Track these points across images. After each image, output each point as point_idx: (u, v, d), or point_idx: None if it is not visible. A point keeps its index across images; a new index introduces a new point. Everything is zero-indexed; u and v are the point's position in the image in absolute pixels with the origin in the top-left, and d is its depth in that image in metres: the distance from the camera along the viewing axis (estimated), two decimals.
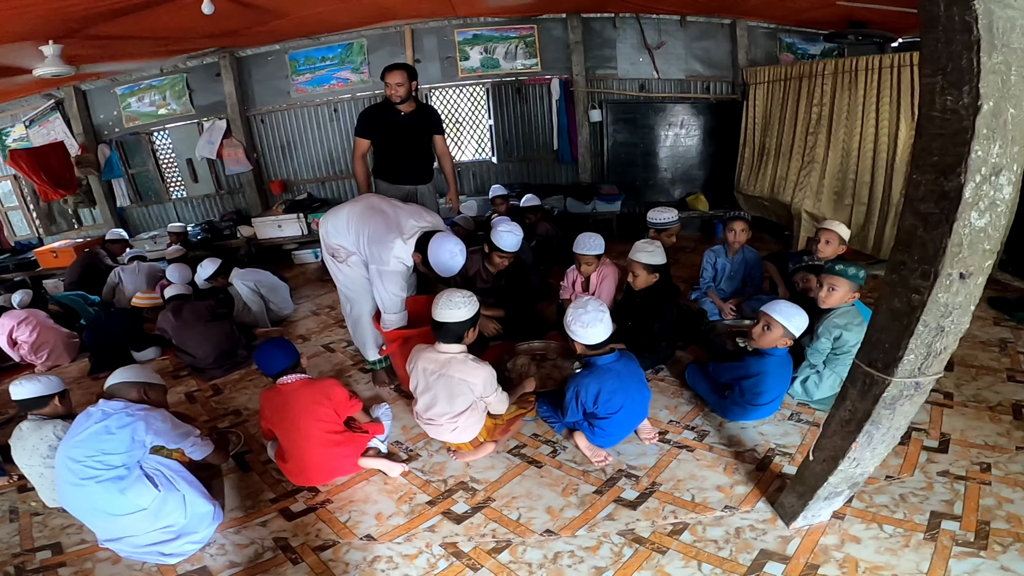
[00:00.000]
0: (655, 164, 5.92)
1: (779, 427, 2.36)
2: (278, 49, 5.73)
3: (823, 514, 1.79)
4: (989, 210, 1.13)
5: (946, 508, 1.82)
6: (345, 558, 1.81)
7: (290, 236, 5.72)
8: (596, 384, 2.11)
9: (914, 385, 1.39)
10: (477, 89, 6.03)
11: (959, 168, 1.10)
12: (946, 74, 1.11)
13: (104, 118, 6.05)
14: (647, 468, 2.15)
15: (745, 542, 1.75)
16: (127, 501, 1.77)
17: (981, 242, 1.16)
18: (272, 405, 2.17)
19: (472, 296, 2.20)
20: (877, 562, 1.63)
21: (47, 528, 2.09)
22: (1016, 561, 1.59)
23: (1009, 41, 1.05)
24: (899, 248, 1.29)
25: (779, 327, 2.26)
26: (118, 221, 6.32)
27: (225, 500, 2.15)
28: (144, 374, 2.13)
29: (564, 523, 1.89)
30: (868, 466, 1.63)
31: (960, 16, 1.05)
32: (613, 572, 1.68)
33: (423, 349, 2.26)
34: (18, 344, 3.74)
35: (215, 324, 3.49)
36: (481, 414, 2.24)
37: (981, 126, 1.07)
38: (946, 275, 1.19)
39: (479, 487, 2.11)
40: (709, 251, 3.52)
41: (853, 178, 4.16)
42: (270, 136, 6.10)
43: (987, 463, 2.01)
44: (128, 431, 1.82)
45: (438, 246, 2.42)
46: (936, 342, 1.30)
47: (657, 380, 2.81)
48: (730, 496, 1.97)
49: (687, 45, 5.69)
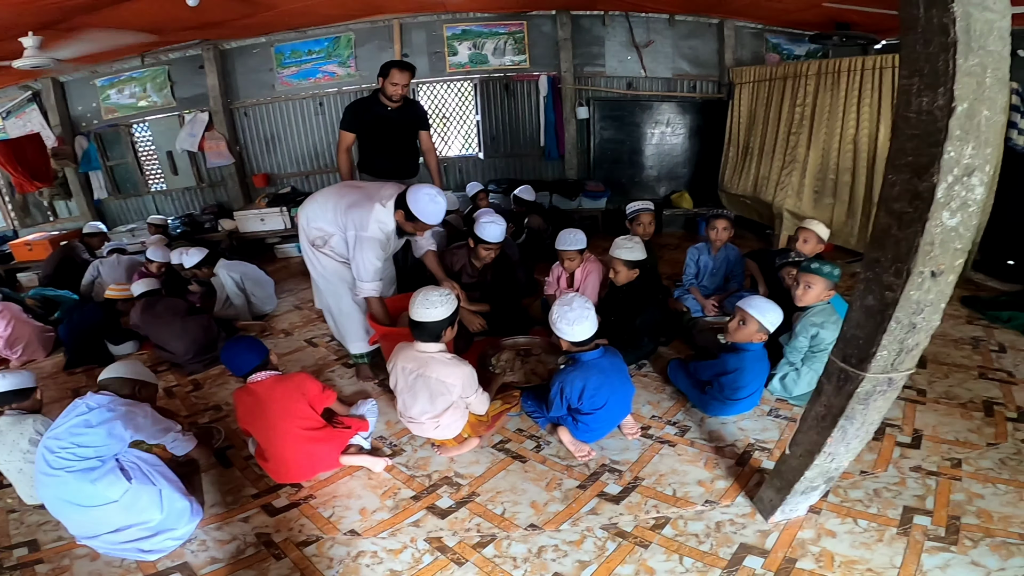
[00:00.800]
0: (641, 162, 5.97)
1: (758, 422, 2.40)
2: (264, 42, 5.64)
3: (800, 508, 1.83)
4: (961, 210, 1.16)
5: (918, 503, 1.86)
6: (329, 553, 1.81)
7: (273, 230, 5.65)
8: (581, 380, 2.12)
9: (887, 381, 1.42)
10: (465, 85, 6.00)
11: (932, 168, 1.12)
12: (923, 76, 1.12)
13: (82, 110, 5.90)
14: (630, 463, 2.17)
15: (725, 536, 1.78)
16: (97, 492, 1.74)
17: (952, 241, 1.19)
18: (246, 406, 2.12)
19: (450, 295, 2.18)
20: (852, 556, 1.67)
21: (23, 525, 2.05)
22: (986, 556, 1.63)
23: (986, 44, 1.06)
24: (873, 246, 1.32)
25: (754, 322, 2.31)
26: (95, 214, 6.18)
27: (205, 496, 2.12)
28: (139, 371, 2.11)
29: (548, 517, 1.91)
30: (843, 461, 1.67)
31: (939, 18, 1.06)
32: (597, 566, 1.70)
33: (403, 347, 2.25)
34: None
35: (192, 318, 3.42)
36: (463, 412, 2.24)
37: (955, 127, 1.09)
38: (918, 273, 1.22)
39: (463, 482, 2.11)
40: (692, 248, 3.57)
41: (833, 177, 4.23)
42: (254, 129, 6.00)
43: (958, 459, 2.07)
44: (106, 427, 1.79)
45: (414, 194, 2.43)
46: (908, 338, 1.34)
47: (640, 375, 2.84)
48: (711, 491, 2.00)
49: (675, 44, 5.73)
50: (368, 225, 2.46)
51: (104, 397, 1.88)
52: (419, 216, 2.44)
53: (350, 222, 2.50)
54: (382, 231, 2.50)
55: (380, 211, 2.48)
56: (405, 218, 2.48)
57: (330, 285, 2.74)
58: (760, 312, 2.31)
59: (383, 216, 2.48)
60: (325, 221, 2.60)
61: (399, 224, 2.54)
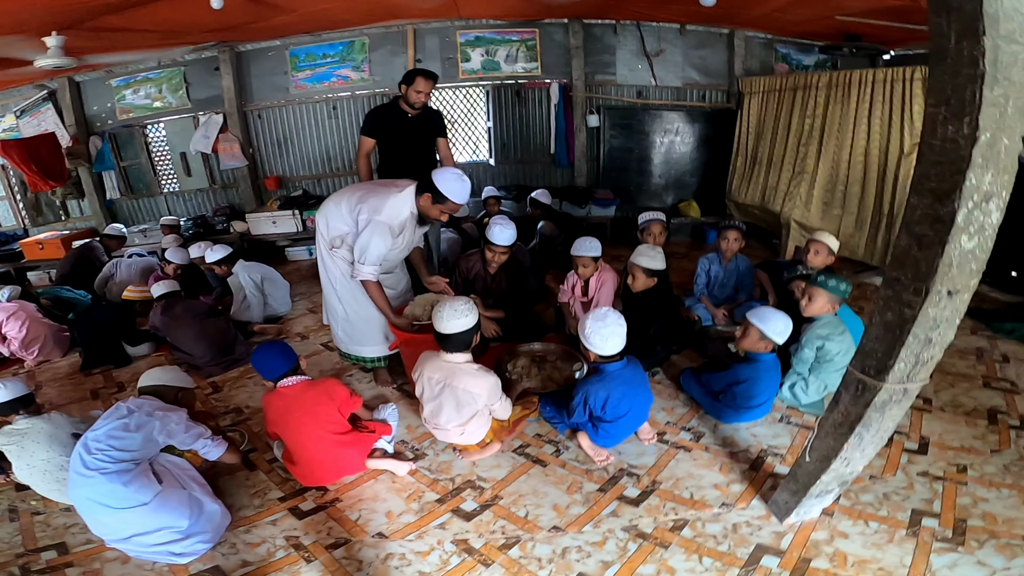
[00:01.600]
0: (649, 170, 6.03)
1: (770, 429, 2.47)
2: (279, 45, 5.70)
3: (814, 511, 1.89)
4: (978, 234, 1.23)
5: (926, 506, 1.93)
6: (358, 556, 1.86)
7: (284, 232, 5.70)
8: (605, 391, 2.18)
9: (903, 391, 1.49)
10: (477, 91, 6.07)
11: (954, 195, 1.19)
12: (949, 105, 1.17)
13: (97, 110, 5.96)
14: (647, 467, 2.23)
15: (742, 537, 1.84)
16: (129, 494, 1.77)
17: (969, 263, 1.26)
18: (276, 409, 2.17)
19: (470, 301, 2.24)
20: (864, 556, 1.73)
21: (50, 528, 2.07)
22: (992, 556, 1.70)
23: (1010, 75, 1.11)
24: (894, 266, 1.38)
25: (756, 331, 2.39)
26: (107, 214, 6.23)
27: (232, 499, 2.16)
28: (179, 377, 2.18)
29: (570, 520, 1.96)
30: (858, 465, 1.73)
31: (969, 50, 1.10)
32: (620, 566, 1.76)
33: (429, 357, 2.29)
34: (8, 339, 3.69)
35: (210, 321, 3.46)
36: (487, 419, 2.30)
37: (977, 155, 1.15)
38: (936, 292, 1.29)
39: (486, 485, 2.17)
40: (703, 259, 3.63)
41: (843, 189, 4.30)
42: (267, 132, 6.06)
43: (964, 464, 2.14)
44: (144, 431, 1.84)
45: (441, 174, 2.48)
46: (924, 352, 1.41)
47: (654, 383, 2.90)
48: (726, 494, 2.06)
49: (685, 53, 5.80)
50: (382, 209, 2.49)
51: (144, 402, 1.93)
52: (447, 194, 2.46)
53: (364, 207, 2.52)
54: (396, 218, 2.52)
55: (396, 198, 2.52)
56: (433, 201, 2.51)
57: (347, 289, 2.73)
58: (762, 321, 2.38)
59: (399, 203, 2.52)
60: (340, 220, 2.62)
61: (423, 211, 2.56)
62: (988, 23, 1.07)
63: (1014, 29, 1.09)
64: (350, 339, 2.90)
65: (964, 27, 1.10)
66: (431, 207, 2.54)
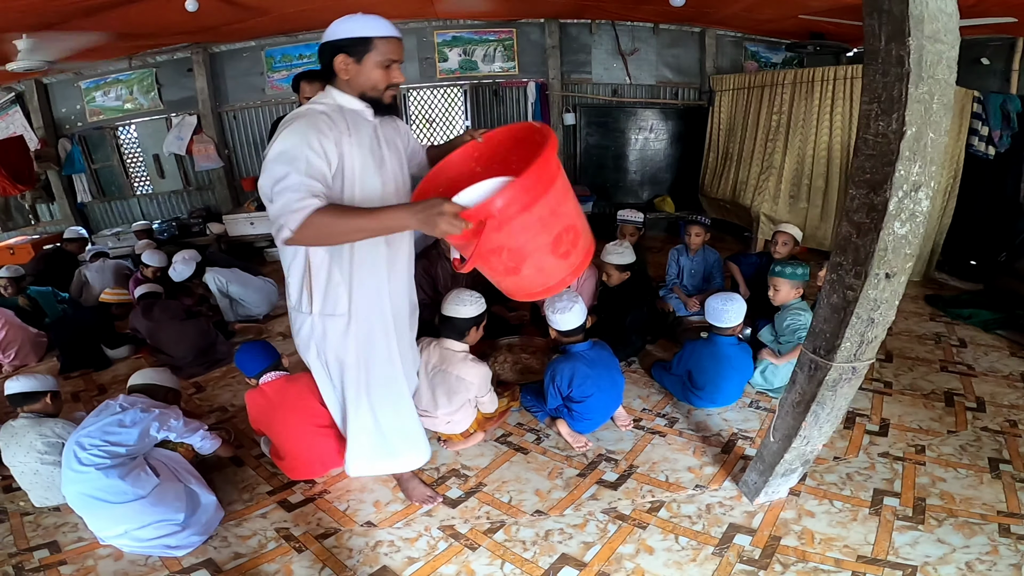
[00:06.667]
0: (625, 167, 6.16)
1: (740, 414, 2.59)
2: (254, 46, 5.66)
3: (781, 491, 1.99)
4: (909, 220, 1.35)
5: (887, 486, 2.04)
6: (348, 544, 1.91)
7: (262, 233, 5.66)
8: (569, 369, 2.29)
9: (851, 369, 1.60)
10: (455, 90, 6.11)
11: (886, 185, 1.30)
12: (880, 102, 1.29)
13: (66, 112, 5.84)
14: (624, 452, 2.33)
15: (715, 517, 1.94)
16: (127, 488, 1.78)
17: (903, 247, 1.38)
18: (259, 406, 2.21)
19: (481, 298, 2.30)
20: (831, 534, 1.83)
21: (40, 527, 2.07)
22: (950, 534, 1.80)
23: (935, 73, 1.21)
24: (837, 252, 1.50)
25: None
26: (78, 217, 6.11)
27: (222, 494, 2.17)
28: (171, 379, 2.23)
29: (552, 504, 2.05)
30: (817, 443, 1.84)
31: (896, 51, 1.20)
32: (600, 546, 1.84)
33: (427, 343, 2.35)
34: None
35: (190, 322, 3.46)
36: (473, 410, 2.37)
37: (904, 149, 1.26)
38: (874, 275, 1.40)
39: (470, 473, 2.24)
40: (673, 250, 3.79)
41: (808, 183, 4.48)
42: (243, 133, 6.01)
43: (922, 445, 2.26)
44: (140, 427, 1.87)
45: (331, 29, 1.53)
46: (868, 332, 1.52)
47: (630, 372, 3.00)
48: (700, 476, 2.16)
49: (659, 52, 5.94)
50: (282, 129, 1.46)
51: (136, 399, 1.96)
52: (358, 33, 1.48)
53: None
54: (305, 115, 1.49)
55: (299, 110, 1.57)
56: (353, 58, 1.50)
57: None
58: (708, 304, 2.56)
59: (303, 108, 1.55)
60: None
61: (361, 83, 1.54)
62: (913, 24, 1.16)
63: (938, 29, 1.19)
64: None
65: (893, 28, 1.20)
66: (362, 69, 1.51)
